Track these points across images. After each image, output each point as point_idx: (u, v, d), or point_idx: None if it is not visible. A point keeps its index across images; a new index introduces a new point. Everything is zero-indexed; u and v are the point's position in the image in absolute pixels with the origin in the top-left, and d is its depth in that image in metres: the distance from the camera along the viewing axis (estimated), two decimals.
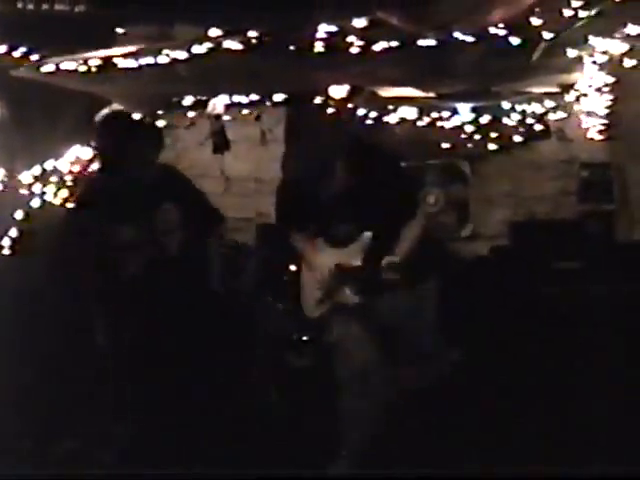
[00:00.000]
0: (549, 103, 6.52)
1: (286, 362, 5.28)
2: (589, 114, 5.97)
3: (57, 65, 4.72)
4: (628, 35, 4.74)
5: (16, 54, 4.38)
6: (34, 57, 4.51)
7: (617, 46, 4.88)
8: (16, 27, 4.25)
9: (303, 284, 3.78)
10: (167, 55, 4.65)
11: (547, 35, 4.56)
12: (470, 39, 4.56)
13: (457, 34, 4.53)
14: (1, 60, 4.43)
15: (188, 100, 6.28)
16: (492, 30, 4.47)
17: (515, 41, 4.58)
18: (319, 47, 4.58)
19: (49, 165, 4.73)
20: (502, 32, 4.49)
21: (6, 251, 4.44)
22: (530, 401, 4.26)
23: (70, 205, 4.68)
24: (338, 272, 3.55)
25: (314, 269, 3.64)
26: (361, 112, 6.53)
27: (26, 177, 5.43)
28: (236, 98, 6.25)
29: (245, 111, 6.52)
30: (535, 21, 4.38)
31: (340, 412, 3.67)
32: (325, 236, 3.65)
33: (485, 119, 6.66)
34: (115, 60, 4.69)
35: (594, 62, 5.14)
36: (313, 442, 3.95)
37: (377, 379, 3.63)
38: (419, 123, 6.73)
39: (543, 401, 4.25)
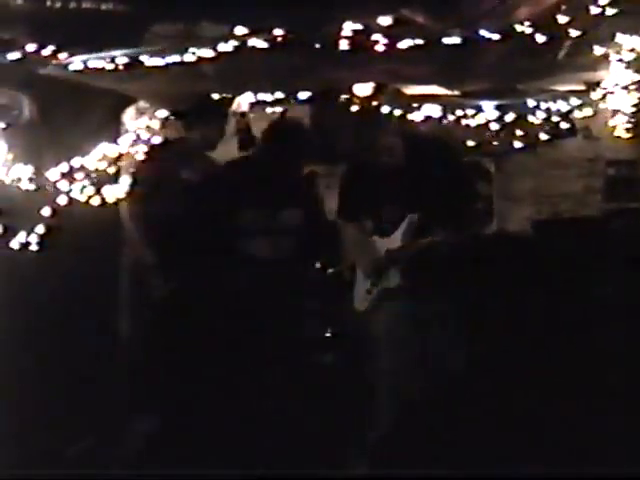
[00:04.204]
0: (575, 101, 6.48)
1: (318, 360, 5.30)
2: (615, 112, 5.93)
3: (85, 63, 4.76)
4: None
5: (45, 52, 4.41)
6: (62, 55, 4.55)
7: None
8: (44, 25, 4.28)
9: (356, 277, 3.82)
10: (193, 53, 4.68)
11: (573, 32, 4.54)
12: (496, 37, 4.55)
13: (483, 32, 4.52)
14: (30, 58, 4.47)
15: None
16: (518, 28, 4.46)
17: (541, 39, 4.56)
18: (344, 45, 4.58)
19: (76, 162, 4.77)
20: (528, 30, 4.47)
21: (34, 247, 4.48)
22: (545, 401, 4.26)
23: None
24: (387, 257, 3.57)
25: (364, 261, 3.67)
26: (385, 110, 6.53)
27: (53, 174, 5.48)
28: (261, 96, 6.26)
29: (270, 109, 6.53)
30: (561, 18, 4.36)
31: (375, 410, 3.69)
32: (377, 227, 3.68)
33: (510, 117, 6.63)
34: (142, 58, 4.73)
35: (621, 60, 5.10)
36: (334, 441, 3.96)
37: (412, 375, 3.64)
38: (443, 121, 6.72)
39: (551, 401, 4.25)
